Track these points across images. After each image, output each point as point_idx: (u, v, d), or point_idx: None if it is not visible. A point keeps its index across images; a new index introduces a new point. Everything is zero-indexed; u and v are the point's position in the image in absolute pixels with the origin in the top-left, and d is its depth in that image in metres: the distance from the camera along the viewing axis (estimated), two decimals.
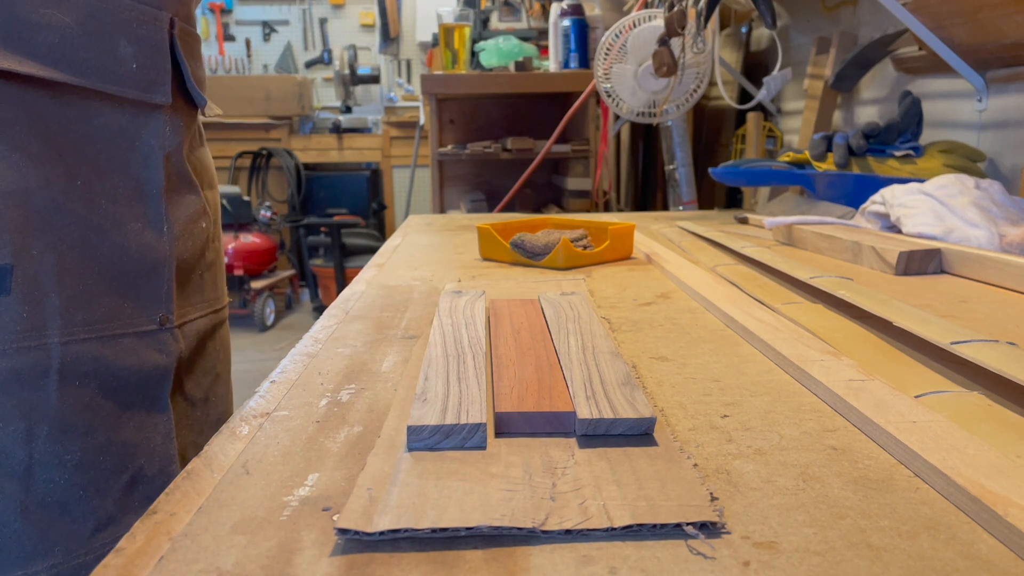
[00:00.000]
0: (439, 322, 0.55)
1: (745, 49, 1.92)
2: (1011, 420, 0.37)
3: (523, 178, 2.07)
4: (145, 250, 0.56)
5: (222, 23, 5.19)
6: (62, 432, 0.51)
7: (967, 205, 0.88)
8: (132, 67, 0.54)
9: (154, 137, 0.56)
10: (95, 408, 0.53)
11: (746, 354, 0.51)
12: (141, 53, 0.55)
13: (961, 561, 0.26)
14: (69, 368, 0.51)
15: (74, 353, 0.52)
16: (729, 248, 0.92)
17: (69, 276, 0.52)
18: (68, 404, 0.51)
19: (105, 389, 0.53)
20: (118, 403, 0.54)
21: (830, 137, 1.17)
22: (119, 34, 0.53)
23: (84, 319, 0.52)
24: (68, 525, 0.52)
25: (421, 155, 4.72)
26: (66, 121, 0.52)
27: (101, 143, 0.54)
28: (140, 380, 0.56)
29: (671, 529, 0.28)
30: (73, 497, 0.52)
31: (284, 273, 4.52)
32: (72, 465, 0.52)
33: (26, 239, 0.50)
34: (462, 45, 2.39)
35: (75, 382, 0.52)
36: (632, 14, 1.58)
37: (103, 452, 0.53)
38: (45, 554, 0.51)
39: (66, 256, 0.51)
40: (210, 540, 0.28)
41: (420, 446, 0.35)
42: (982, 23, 0.99)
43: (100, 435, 0.53)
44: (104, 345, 0.53)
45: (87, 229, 0.53)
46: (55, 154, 0.51)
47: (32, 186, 0.50)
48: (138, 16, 0.54)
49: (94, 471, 0.53)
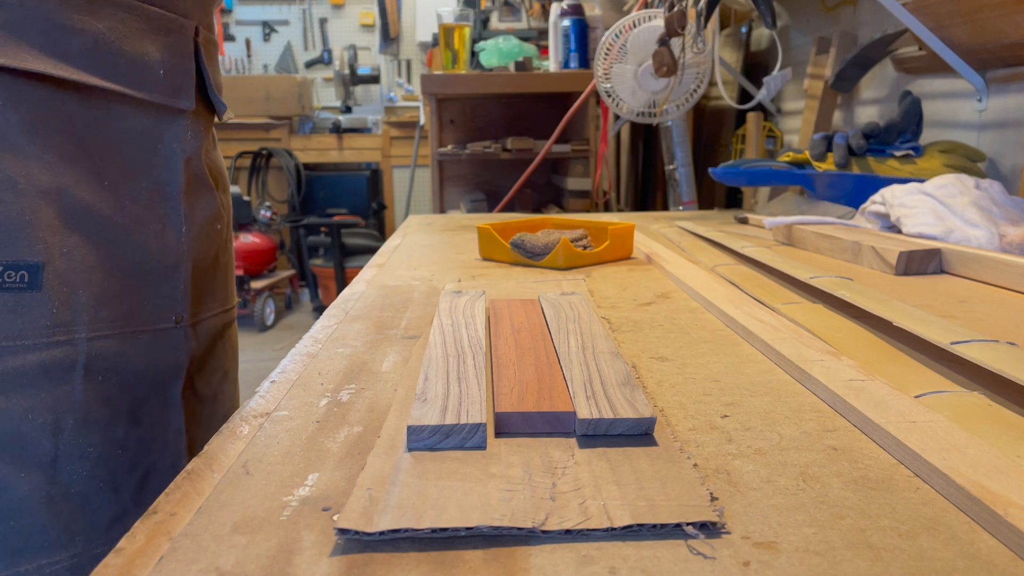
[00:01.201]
0: (439, 322, 0.55)
1: (745, 49, 1.92)
2: (1011, 420, 0.37)
3: (523, 178, 2.07)
4: (165, 250, 0.58)
5: (222, 23, 5.19)
6: (86, 425, 0.53)
7: (967, 205, 0.88)
8: (160, 73, 0.56)
9: (176, 141, 0.58)
10: (115, 403, 0.55)
11: (746, 354, 0.51)
12: (169, 59, 0.57)
13: (961, 561, 0.26)
14: (93, 363, 0.53)
15: (98, 349, 0.53)
16: (729, 248, 0.92)
17: (96, 274, 0.53)
18: (92, 398, 0.53)
19: (124, 384, 0.55)
20: (135, 398, 0.56)
21: (830, 137, 1.17)
22: (148, 41, 0.55)
23: (108, 316, 0.54)
24: (89, 516, 0.54)
25: (421, 155, 4.72)
26: (94, 123, 0.53)
27: (126, 145, 0.55)
28: (156, 377, 0.58)
29: (671, 529, 0.28)
30: (94, 489, 0.54)
31: (284, 273, 4.52)
32: (95, 458, 0.54)
33: (57, 237, 0.51)
34: (462, 45, 2.39)
35: (98, 377, 0.53)
36: (632, 14, 1.58)
37: (121, 446, 0.55)
38: (68, 544, 0.53)
39: (93, 254, 0.53)
40: (210, 540, 0.28)
41: (420, 446, 0.35)
42: (982, 23, 0.99)
43: (119, 429, 0.55)
44: (125, 342, 0.55)
45: (112, 228, 0.54)
46: (84, 155, 0.53)
47: (65, 185, 0.51)
48: (167, 24, 0.56)
49: (113, 464, 0.55)
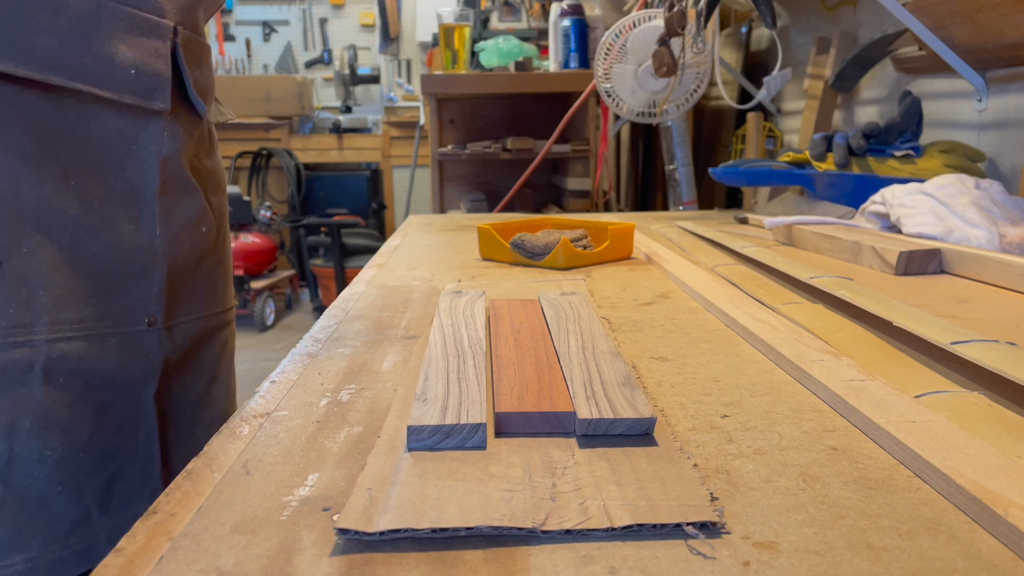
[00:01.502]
0: (439, 322, 0.55)
1: (745, 49, 1.92)
2: (1011, 420, 0.37)
3: (523, 178, 2.07)
4: (137, 252, 0.57)
5: (222, 23, 5.19)
6: (44, 427, 0.52)
7: (967, 205, 0.88)
8: (131, 72, 0.55)
9: (151, 142, 0.57)
10: (78, 406, 0.54)
11: (746, 354, 0.51)
12: (140, 59, 0.55)
13: (961, 561, 0.26)
14: (54, 366, 0.52)
15: (60, 351, 0.52)
16: (729, 248, 0.92)
17: (58, 275, 0.52)
18: (51, 401, 0.52)
19: (89, 387, 0.54)
20: (101, 402, 0.55)
21: (830, 137, 1.17)
22: (118, 40, 0.54)
23: (72, 318, 0.53)
24: (46, 521, 0.53)
25: (421, 155, 4.72)
26: (64, 123, 0.52)
27: (98, 146, 0.54)
28: (125, 380, 0.56)
29: (671, 529, 0.28)
30: (53, 492, 0.53)
31: (284, 273, 4.52)
32: (53, 461, 0.52)
33: (15, 237, 0.50)
34: (462, 45, 2.39)
35: (59, 379, 0.52)
36: (632, 14, 1.58)
37: (84, 450, 0.54)
38: (22, 548, 0.52)
39: (56, 255, 0.52)
40: (210, 540, 0.28)
41: (420, 446, 0.35)
42: (982, 23, 0.99)
43: (83, 432, 0.54)
44: (91, 344, 0.54)
45: (79, 229, 0.53)
46: (51, 155, 0.52)
47: (23, 186, 0.51)
48: (138, 23, 0.55)
49: (75, 467, 0.54)
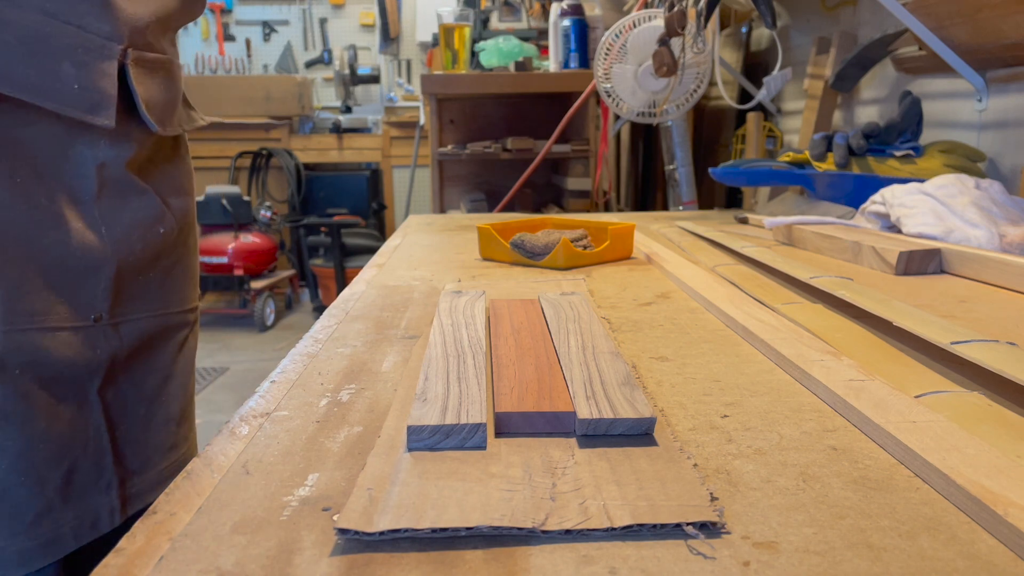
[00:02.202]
0: (439, 322, 0.55)
1: (745, 49, 1.92)
2: (1011, 420, 0.37)
3: (523, 178, 2.07)
4: (85, 250, 0.58)
5: (222, 23, 5.19)
6: (3, 419, 0.53)
7: (967, 205, 0.88)
8: (74, 87, 0.55)
9: (89, 148, 0.58)
10: (33, 398, 0.55)
11: (746, 354, 0.51)
12: (84, 77, 0.56)
13: (961, 561, 0.26)
14: (10, 357, 0.53)
15: (15, 343, 0.53)
16: (729, 248, 0.92)
17: (11, 268, 0.54)
18: (8, 392, 0.53)
19: (42, 380, 0.55)
20: (54, 394, 0.56)
21: (830, 137, 1.17)
22: (63, 57, 0.55)
23: (25, 310, 0.54)
24: (9, 512, 0.54)
25: (421, 155, 4.72)
26: (7, 125, 0.54)
27: (35, 147, 0.55)
28: (73, 374, 0.58)
29: (671, 529, 0.28)
30: (14, 484, 0.54)
31: (284, 273, 4.52)
32: (13, 453, 0.54)
33: None
34: (462, 45, 2.39)
35: (15, 371, 0.54)
36: (632, 14, 1.58)
37: (42, 441, 0.55)
38: None
39: (8, 250, 0.54)
40: (210, 540, 0.28)
41: (420, 446, 0.35)
42: (982, 23, 0.99)
43: (38, 424, 0.55)
44: (43, 337, 0.55)
45: (28, 225, 0.55)
46: None
47: None
48: (83, 42, 0.56)
49: (35, 458, 0.55)
